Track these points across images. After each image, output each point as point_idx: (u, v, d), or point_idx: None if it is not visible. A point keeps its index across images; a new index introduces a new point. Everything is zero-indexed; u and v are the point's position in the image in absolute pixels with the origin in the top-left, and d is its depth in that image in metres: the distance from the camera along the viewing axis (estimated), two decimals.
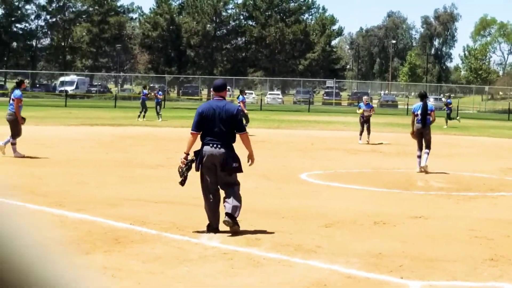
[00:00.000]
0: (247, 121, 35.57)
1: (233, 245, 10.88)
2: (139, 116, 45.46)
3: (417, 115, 22.15)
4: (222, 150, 11.62)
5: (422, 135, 21.74)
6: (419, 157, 21.71)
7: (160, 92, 49.58)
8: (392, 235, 12.46)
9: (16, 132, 21.36)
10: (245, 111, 35.71)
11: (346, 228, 12.90)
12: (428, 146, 21.67)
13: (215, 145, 11.63)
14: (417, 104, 22.97)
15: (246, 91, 44.51)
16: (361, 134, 33.42)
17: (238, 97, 38.95)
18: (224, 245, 10.88)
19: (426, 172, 21.21)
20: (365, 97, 41.93)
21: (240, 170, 11.99)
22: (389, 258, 10.47)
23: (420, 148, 21.90)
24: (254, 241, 11.09)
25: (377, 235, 12.32)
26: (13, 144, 21.12)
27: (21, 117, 21.46)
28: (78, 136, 31.79)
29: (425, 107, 21.92)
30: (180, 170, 11.94)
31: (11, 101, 21.87)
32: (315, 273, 9.50)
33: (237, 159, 11.87)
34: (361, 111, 33.21)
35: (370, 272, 9.65)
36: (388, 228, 13.02)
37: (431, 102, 22.00)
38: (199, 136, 11.94)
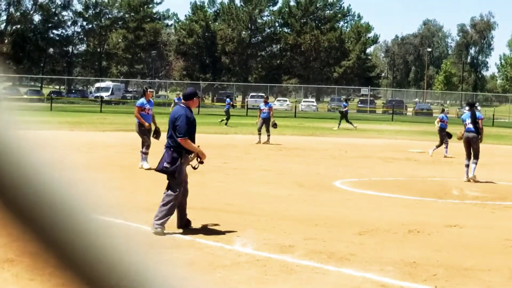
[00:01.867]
0: (275, 126, 36.44)
1: (266, 252, 10.90)
2: (222, 120, 49.85)
3: (466, 124, 22.18)
4: (165, 151, 12.23)
5: (470, 144, 21.72)
6: (467, 166, 21.75)
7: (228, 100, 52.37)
8: (427, 243, 12.43)
9: (142, 140, 21.89)
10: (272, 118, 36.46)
11: (380, 236, 12.88)
12: (476, 156, 21.69)
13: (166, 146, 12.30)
14: (466, 113, 23.00)
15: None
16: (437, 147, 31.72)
17: (265, 105, 38.36)
18: (257, 251, 10.92)
19: (475, 182, 21.21)
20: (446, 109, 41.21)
21: (168, 173, 12.03)
22: (423, 267, 10.48)
23: (469, 158, 21.94)
24: (288, 248, 11.10)
25: (411, 244, 12.30)
26: (143, 153, 21.75)
27: (147, 125, 21.85)
28: (113, 141, 32.03)
29: (473, 116, 21.96)
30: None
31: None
32: (348, 281, 9.51)
33: (170, 161, 11.90)
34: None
35: (404, 281, 9.68)
36: (422, 237, 12.99)
37: (467, 111, 21.79)
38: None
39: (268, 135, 35.90)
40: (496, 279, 9.88)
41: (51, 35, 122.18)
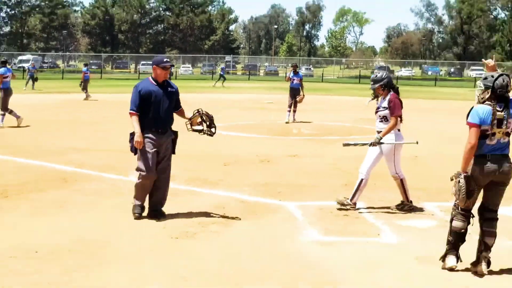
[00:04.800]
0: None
1: None
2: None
3: (292, 80, 22.51)
4: None
5: (295, 96, 22.15)
6: (289, 111, 22.36)
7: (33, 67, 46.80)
8: (274, 170, 12.68)
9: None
10: None
11: (240, 165, 13.05)
12: (296, 105, 22.34)
13: None
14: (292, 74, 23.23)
15: None
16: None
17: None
18: (123, 177, 10.88)
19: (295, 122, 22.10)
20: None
21: (132, 150, 8.48)
22: (272, 186, 10.72)
23: (290, 106, 22.36)
24: (172, 177, 11.11)
25: (263, 171, 12.53)
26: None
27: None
28: (33, 102, 30.99)
29: (297, 74, 22.69)
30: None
31: None
32: (218, 200, 9.62)
33: (131, 139, 8.41)
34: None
35: (258, 197, 9.85)
36: (271, 165, 13.25)
37: (302, 71, 22.15)
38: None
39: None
40: (324, 193, 10.19)
41: None
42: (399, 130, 9.10)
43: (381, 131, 8.92)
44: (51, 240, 7.26)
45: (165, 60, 8.56)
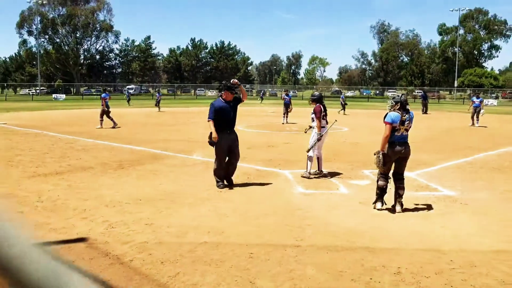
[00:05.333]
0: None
1: (207, 158, 10.73)
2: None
3: (285, 98, 21.98)
4: None
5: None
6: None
7: None
8: (276, 151, 12.27)
9: None
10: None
11: (256, 149, 12.59)
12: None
13: None
14: None
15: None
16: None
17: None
18: (204, 158, 10.73)
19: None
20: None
21: (210, 144, 7.66)
22: (275, 161, 10.57)
23: (284, 114, 21.75)
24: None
25: (269, 152, 12.18)
26: None
27: None
28: (134, 112, 30.88)
29: None
30: None
31: None
32: (243, 169, 9.27)
33: (210, 136, 7.57)
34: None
35: (266, 167, 9.76)
36: (274, 148, 12.92)
37: (291, 93, 21.24)
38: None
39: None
40: (305, 164, 10.13)
41: None
42: (323, 126, 8.81)
43: (312, 127, 8.84)
44: (149, 193, 7.37)
45: (232, 87, 7.83)
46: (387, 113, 6.47)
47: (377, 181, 6.54)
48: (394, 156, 6.38)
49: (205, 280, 4.07)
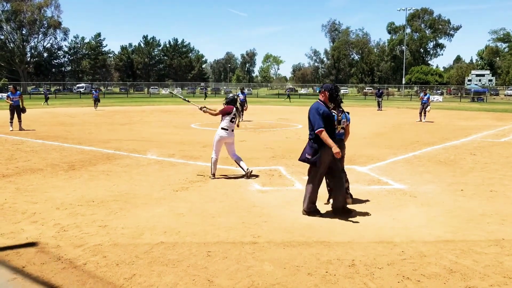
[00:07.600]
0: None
1: (161, 157, 10.77)
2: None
3: (240, 97, 21.90)
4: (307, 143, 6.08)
5: None
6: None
7: None
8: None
9: None
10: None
11: (211, 147, 12.73)
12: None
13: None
14: None
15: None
16: None
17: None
18: (159, 157, 10.77)
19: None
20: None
21: (309, 162, 5.93)
22: (231, 160, 10.53)
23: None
24: (172, 155, 11.01)
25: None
26: None
27: None
28: (87, 111, 30.00)
29: None
30: None
31: None
32: (199, 168, 9.30)
33: (311, 152, 5.91)
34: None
35: (224, 166, 9.77)
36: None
37: (245, 91, 21.25)
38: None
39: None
40: (260, 161, 10.16)
41: None
42: (227, 129, 8.99)
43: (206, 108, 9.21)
44: (102, 194, 7.20)
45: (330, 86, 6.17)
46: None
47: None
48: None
49: (162, 281, 4.02)
